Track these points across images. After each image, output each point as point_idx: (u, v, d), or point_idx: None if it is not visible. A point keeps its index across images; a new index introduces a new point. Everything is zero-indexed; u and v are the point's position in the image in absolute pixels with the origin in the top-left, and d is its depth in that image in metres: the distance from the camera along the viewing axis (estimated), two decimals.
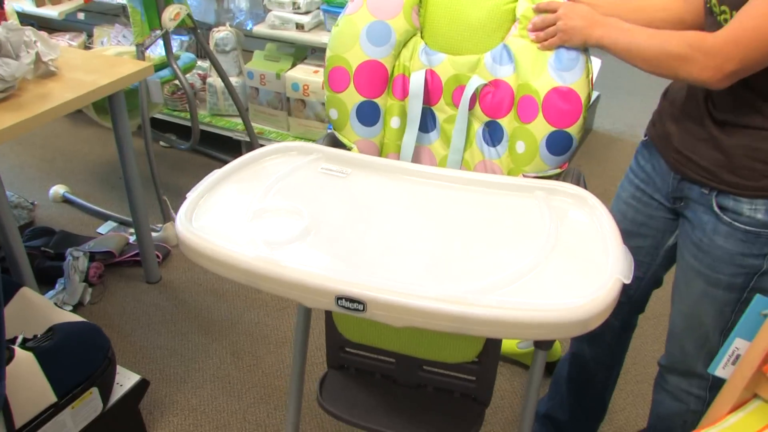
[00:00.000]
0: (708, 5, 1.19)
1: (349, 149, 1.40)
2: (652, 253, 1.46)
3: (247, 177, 1.28)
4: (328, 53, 1.35)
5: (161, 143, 3.41)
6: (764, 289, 1.24)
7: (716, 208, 1.23)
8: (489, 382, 1.35)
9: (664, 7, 1.30)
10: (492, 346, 1.29)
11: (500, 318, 0.90)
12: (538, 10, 1.24)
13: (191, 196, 1.18)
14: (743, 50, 1.04)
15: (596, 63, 2.39)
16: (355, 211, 1.18)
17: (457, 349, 1.30)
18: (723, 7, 1.12)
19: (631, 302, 1.54)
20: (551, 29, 1.22)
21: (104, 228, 2.80)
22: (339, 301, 0.95)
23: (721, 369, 1.18)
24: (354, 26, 1.31)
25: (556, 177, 1.28)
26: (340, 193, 1.23)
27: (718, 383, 1.36)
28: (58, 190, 3.02)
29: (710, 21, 1.18)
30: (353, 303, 0.94)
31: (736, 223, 1.21)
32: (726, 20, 1.11)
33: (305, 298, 0.98)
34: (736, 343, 1.15)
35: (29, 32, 1.98)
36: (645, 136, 1.42)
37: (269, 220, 1.13)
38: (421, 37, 1.35)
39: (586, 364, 1.67)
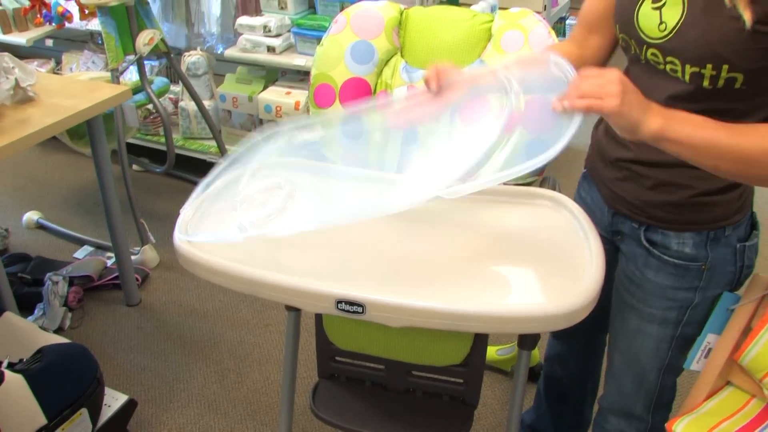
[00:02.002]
0: (634, 52, 1.14)
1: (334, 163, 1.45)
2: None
3: (234, 190, 1.32)
4: (313, 71, 1.40)
5: (134, 167, 3.42)
6: (697, 322, 1.25)
7: (645, 243, 1.23)
8: (476, 384, 1.40)
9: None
10: (478, 347, 1.35)
11: (493, 313, 0.95)
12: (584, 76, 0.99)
13: (185, 211, 1.22)
14: None
15: None
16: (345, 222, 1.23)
17: (445, 352, 1.35)
18: (671, 59, 1.06)
19: (587, 324, 1.55)
20: (594, 90, 0.96)
21: (81, 253, 2.79)
22: (339, 305, 1.00)
23: (695, 363, 1.25)
24: (339, 45, 1.37)
25: (531, 184, 1.35)
26: (330, 205, 1.28)
27: (656, 427, 1.39)
28: (32, 216, 3.01)
29: (641, 68, 1.14)
30: (353, 306, 0.99)
31: (666, 257, 1.21)
32: (675, 71, 1.06)
33: (306, 304, 1.03)
34: (708, 338, 1.23)
35: (7, 58, 2.00)
36: (585, 167, 1.41)
37: (262, 222, 1.18)
38: (402, 56, 1.42)
39: (559, 381, 1.72)
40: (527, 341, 1.33)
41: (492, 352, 2.18)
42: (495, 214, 1.25)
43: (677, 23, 1.02)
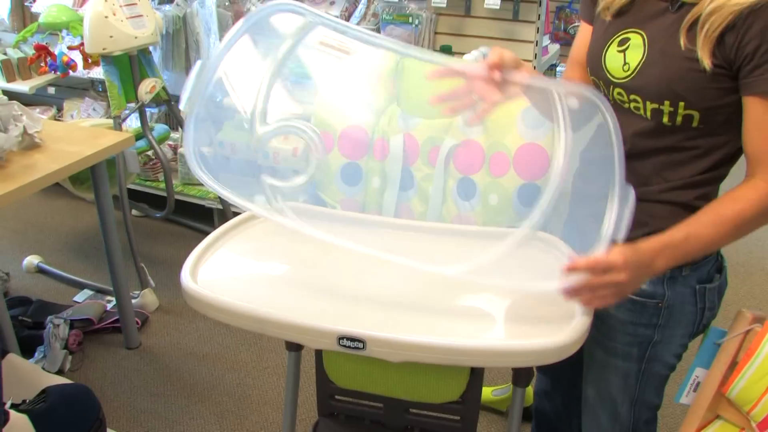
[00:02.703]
0: (603, 93, 1.21)
1: (334, 208, 1.51)
2: None
3: (240, 237, 1.37)
4: (313, 119, 1.47)
5: (134, 212, 3.47)
6: (661, 359, 1.28)
7: None
8: (472, 421, 1.43)
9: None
10: (474, 384, 1.38)
11: (488, 348, 1.00)
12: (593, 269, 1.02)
13: (194, 253, 1.27)
14: None
15: None
16: (346, 264, 1.28)
17: (442, 389, 1.39)
18: (634, 96, 1.15)
19: (569, 361, 1.43)
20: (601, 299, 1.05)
21: (81, 296, 2.82)
22: (341, 341, 1.04)
23: (684, 397, 1.29)
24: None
25: None
26: (329, 248, 1.33)
27: None
28: (32, 260, 3.04)
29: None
30: (354, 342, 1.04)
31: None
32: (638, 108, 1.15)
33: (309, 340, 1.07)
34: (696, 372, 1.27)
35: (16, 106, 2.07)
36: None
37: (268, 273, 1.23)
38: (398, 104, 1.49)
39: (548, 417, 1.76)
40: (521, 378, 1.37)
41: (488, 392, 2.21)
42: (489, 254, 1.30)
43: (639, 63, 1.12)
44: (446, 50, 2.83)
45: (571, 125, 1.13)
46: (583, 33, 1.30)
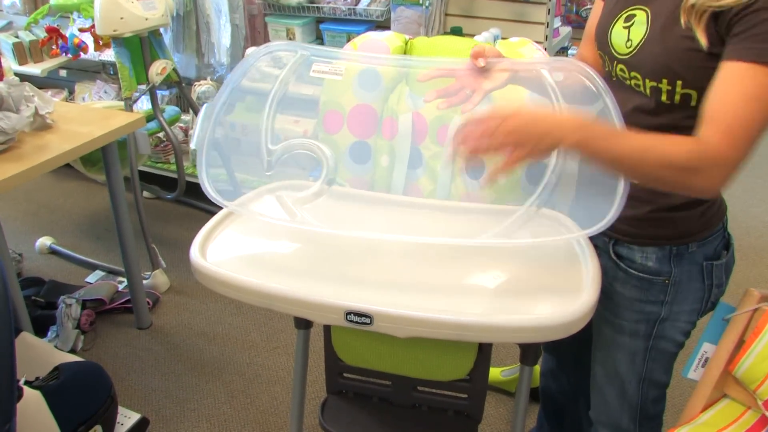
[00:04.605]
0: (607, 69, 1.23)
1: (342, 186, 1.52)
2: None
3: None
4: (322, 98, 1.47)
5: (145, 194, 3.49)
6: (668, 336, 1.28)
7: (613, 256, 1.29)
8: (480, 398, 1.45)
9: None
10: (482, 362, 1.39)
11: (496, 323, 1.01)
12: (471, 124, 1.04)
13: (203, 231, 1.28)
14: (744, 150, 0.99)
15: None
16: (353, 241, 1.29)
17: (449, 367, 1.40)
18: (634, 73, 1.15)
19: (574, 339, 1.35)
20: (492, 142, 1.04)
21: (93, 277, 2.85)
22: (348, 316, 1.05)
23: (692, 372, 1.30)
24: (347, 73, 1.44)
25: None
26: (338, 223, 1.34)
27: None
28: (45, 241, 3.07)
29: (612, 84, 1.19)
30: (361, 317, 1.05)
31: (631, 270, 1.26)
32: (638, 85, 1.14)
33: (317, 316, 1.08)
34: (704, 348, 1.27)
35: (27, 87, 2.08)
36: None
37: (276, 250, 1.24)
38: (406, 84, 1.48)
39: (554, 397, 1.77)
40: (528, 356, 1.38)
41: (496, 373, 2.22)
42: (498, 231, 1.30)
43: (640, 40, 1.12)
44: (457, 32, 2.82)
45: (563, 99, 1.16)
46: (597, 9, 1.30)
